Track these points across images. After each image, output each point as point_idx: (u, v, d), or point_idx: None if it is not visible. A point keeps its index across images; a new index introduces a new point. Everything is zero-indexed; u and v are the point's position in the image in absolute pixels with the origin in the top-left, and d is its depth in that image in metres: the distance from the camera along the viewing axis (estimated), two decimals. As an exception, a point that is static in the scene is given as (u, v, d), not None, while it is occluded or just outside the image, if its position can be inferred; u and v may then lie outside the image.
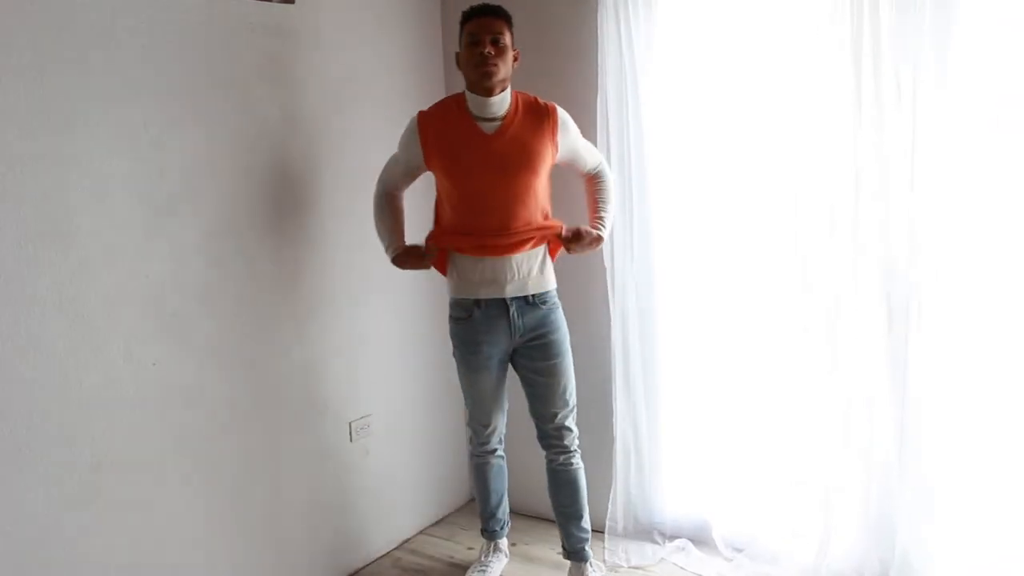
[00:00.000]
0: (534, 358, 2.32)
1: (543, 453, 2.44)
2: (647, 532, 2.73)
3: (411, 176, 2.39)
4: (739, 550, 2.58)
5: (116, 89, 1.91)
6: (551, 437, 2.40)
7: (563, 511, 2.46)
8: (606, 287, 2.62)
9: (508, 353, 2.36)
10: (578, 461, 2.44)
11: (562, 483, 2.43)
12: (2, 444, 1.74)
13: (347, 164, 2.57)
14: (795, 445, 2.46)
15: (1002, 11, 2.03)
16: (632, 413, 2.67)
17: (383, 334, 2.75)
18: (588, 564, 2.48)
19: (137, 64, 1.95)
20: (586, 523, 2.47)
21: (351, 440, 2.64)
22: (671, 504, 2.75)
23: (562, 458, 2.41)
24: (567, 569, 2.53)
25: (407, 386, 2.88)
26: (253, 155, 2.26)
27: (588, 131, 2.60)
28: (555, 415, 2.36)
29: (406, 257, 2.35)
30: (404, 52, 2.79)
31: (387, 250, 2.37)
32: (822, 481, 2.39)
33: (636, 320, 2.62)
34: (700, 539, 2.67)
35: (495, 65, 2.12)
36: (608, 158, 2.53)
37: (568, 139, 2.28)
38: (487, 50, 2.11)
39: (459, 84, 2.90)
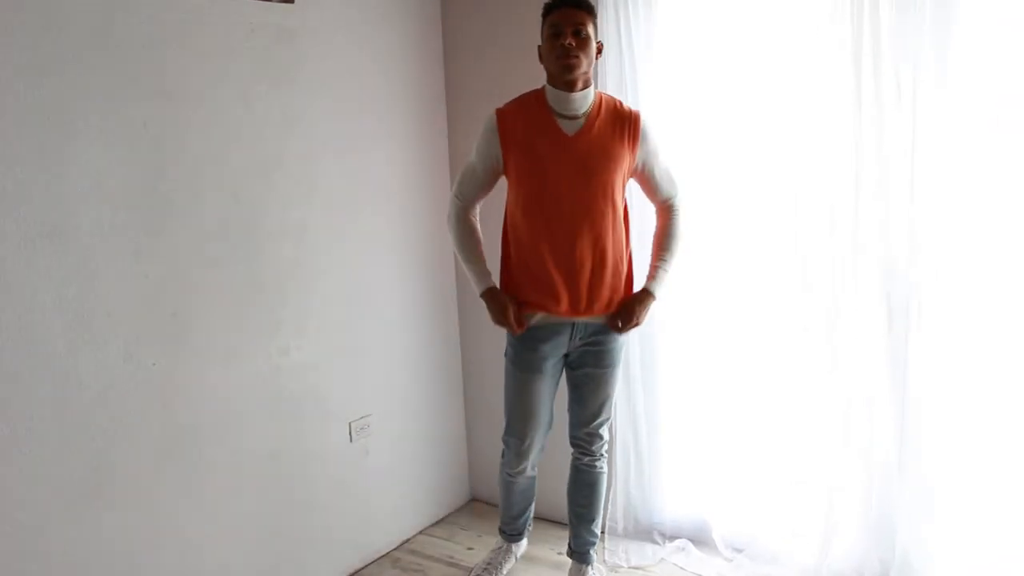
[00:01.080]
0: (587, 363, 2.26)
1: (570, 451, 2.43)
2: (647, 532, 2.73)
3: (490, 184, 2.25)
4: (739, 550, 2.58)
5: (116, 89, 1.91)
6: (581, 440, 2.37)
7: (577, 511, 2.45)
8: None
9: (563, 360, 2.29)
10: (603, 466, 2.41)
11: (583, 483, 2.42)
12: (2, 444, 1.74)
13: (347, 164, 2.57)
14: (795, 445, 2.46)
15: (1002, 10, 2.03)
16: (632, 413, 2.67)
17: (383, 334, 2.75)
18: (590, 567, 2.48)
19: (137, 64, 1.95)
20: (597, 527, 2.47)
21: (351, 440, 2.64)
22: (671, 504, 2.75)
23: (587, 459, 2.40)
24: (567, 569, 2.52)
25: (407, 386, 2.88)
26: (253, 155, 2.26)
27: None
28: (590, 421, 2.33)
29: (497, 305, 2.20)
30: (404, 52, 2.79)
31: (476, 284, 2.26)
32: (822, 481, 2.39)
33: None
34: (700, 539, 2.67)
35: (577, 57, 2.04)
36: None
37: (645, 150, 2.17)
38: (568, 41, 2.03)
39: (460, 81, 2.92)
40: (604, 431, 2.38)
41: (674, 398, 2.68)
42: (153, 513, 2.05)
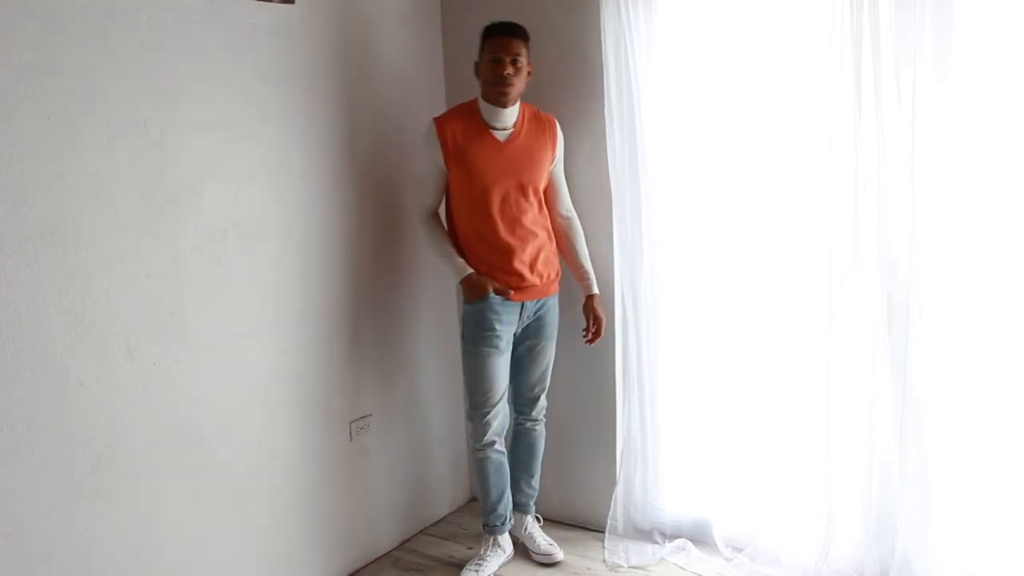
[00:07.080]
0: (530, 336, 2.56)
1: (514, 416, 2.68)
2: (647, 532, 2.73)
3: (441, 188, 2.51)
4: (739, 550, 2.57)
5: (116, 89, 1.91)
6: (525, 403, 2.66)
7: (518, 463, 2.70)
8: (608, 287, 2.62)
9: (514, 336, 2.53)
10: (542, 429, 2.70)
11: (523, 443, 2.70)
12: (2, 444, 1.74)
13: (347, 164, 2.57)
14: (795, 445, 2.46)
15: (1003, 4, 2.02)
16: (633, 413, 2.67)
17: (383, 334, 2.75)
18: (529, 516, 2.74)
19: (137, 64, 1.95)
20: (536, 482, 2.74)
21: (351, 440, 2.64)
22: (671, 504, 2.75)
23: (528, 423, 2.68)
24: (562, 566, 2.57)
25: (407, 386, 2.88)
26: (253, 155, 2.26)
27: (590, 131, 2.62)
28: (533, 388, 2.63)
29: (478, 285, 2.43)
30: (404, 52, 2.79)
31: (455, 274, 2.48)
32: (822, 481, 2.38)
33: (638, 320, 2.61)
34: (700, 539, 2.67)
35: (512, 85, 2.35)
36: (612, 158, 2.55)
37: (557, 153, 2.52)
38: (507, 72, 2.33)
39: (459, 83, 2.91)
40: (544, 397, 2.68)
41: (675, 398, 2.68)
42: (153, 513, 2.04)
